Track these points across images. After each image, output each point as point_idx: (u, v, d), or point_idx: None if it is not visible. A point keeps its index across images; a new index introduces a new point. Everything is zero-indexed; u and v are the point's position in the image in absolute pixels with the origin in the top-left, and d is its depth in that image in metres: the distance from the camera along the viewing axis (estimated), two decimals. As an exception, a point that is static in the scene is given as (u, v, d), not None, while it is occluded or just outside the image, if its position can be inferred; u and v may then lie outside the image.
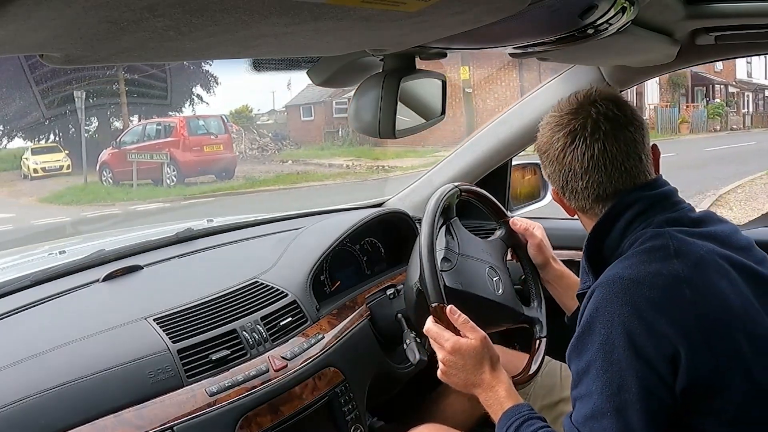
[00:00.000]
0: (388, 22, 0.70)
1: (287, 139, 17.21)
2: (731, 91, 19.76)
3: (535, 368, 1.35)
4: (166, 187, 11.56)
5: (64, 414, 0.98)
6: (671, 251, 0.98)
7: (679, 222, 1.03)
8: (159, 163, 11.73)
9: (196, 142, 12.03)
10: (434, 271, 1.22)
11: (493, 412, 1.12)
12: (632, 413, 0.92)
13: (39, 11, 0.46)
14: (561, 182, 1.09)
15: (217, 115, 13.64)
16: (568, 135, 1.05)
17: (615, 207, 1.06)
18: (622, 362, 0.93)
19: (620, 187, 1.05)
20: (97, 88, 11.87)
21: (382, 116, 1.05)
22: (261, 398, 1.17)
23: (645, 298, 0.94)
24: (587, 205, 1.09)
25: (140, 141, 12.35)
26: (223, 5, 0.53)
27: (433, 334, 1.18)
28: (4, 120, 12.77)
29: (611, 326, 0.94)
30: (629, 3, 0.93)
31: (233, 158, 12.95)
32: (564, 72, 1.74)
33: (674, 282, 0.95)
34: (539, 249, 1.43)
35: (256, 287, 1.37)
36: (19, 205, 11.01)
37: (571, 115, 1.06)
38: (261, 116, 18.36)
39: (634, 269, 0.97)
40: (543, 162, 1.12)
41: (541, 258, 1.44)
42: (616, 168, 1.04)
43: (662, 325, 0.93)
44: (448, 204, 1.37)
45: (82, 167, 12.31)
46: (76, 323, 1.19)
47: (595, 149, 1.03)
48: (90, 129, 13.36)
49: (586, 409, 0.96)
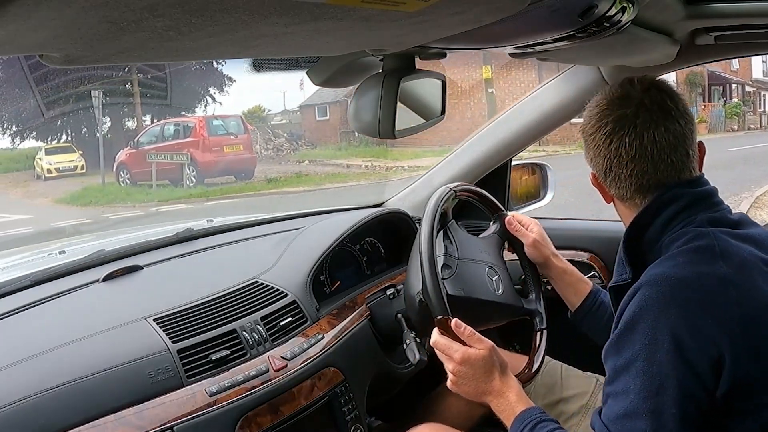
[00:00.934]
0: (388, 22, 0.70)
1: (302, 139, 17.17)
2: (748, 91, 19.75)
3: (537, 366, 1.35)
4: (185, 187, 11.51)
5: (64, 414, 0.98)
6: (716, 252, 0.97)
7: (720, 222, 1.02)
8: (178, 163, 11.68)
9: (215, 142, 11.99)
10: (437, 283, 1.22)
11: (506, 417, 1.12)
12: (668, 416, 0.91)
13: (39, 11, 0.46)
14: (604, 168, 1.07)
15: (236, 115, 13.60)
16: (618, 120, 1.03)
17: (657, 200, 1.04)
18: (664, 364, 0.92)
19: (664, 180, 1.03)
20: (110, 88, 11.83)
21: (381, 116, 1.05)
22: (261, 398, 1.16)
23: (692, 299, 0.93)
24: (628, 193, 1.07)
25: (158, 141, 12.31)
26: (223, 5, 0.53)
27: (441, 346, 1.17)
28: (17, 120, 12.75)
29: (656, 326, 0.93)
30: (629, 3, 0.93)
31: (253, 158, 12.89)
32: (564, 72, 1.74)
33: (720, 284, 0.95)
34: (535, 247, 1.42)
35: (256, 287, 1.37)
36: (35, 206, 10.91)
37: (623, 101, 1.04)
38: (274, 116, 18.36)
39: (681, 269, 0.96)
40: (587, 145, 1.09)
41: (538, 256, 1.43)
42: (663, 160, 1.02)
43: (708, 327, 0.92)
44: (445, 208, 1.37)
45: (95, 167, 12.26)
46: (76, 323, 1.19)
47: (645, 138, 1.02)
48: (103, 129, 13.35)
49: (620, 406, 0.95)
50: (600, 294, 1.41)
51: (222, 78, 14.69)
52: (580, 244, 1.87)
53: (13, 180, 13.08)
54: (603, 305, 1.39)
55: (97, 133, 12.75)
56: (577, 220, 2.14)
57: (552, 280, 1.45)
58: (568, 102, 1.75)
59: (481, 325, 1.43)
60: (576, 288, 1.42)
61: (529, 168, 2.13)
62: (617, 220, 1.18)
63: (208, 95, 14.83)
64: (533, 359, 1.36)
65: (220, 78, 14.69)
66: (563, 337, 1.49)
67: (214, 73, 14.37)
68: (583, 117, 1.10)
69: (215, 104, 14.92)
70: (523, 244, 1.44)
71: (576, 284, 1.42)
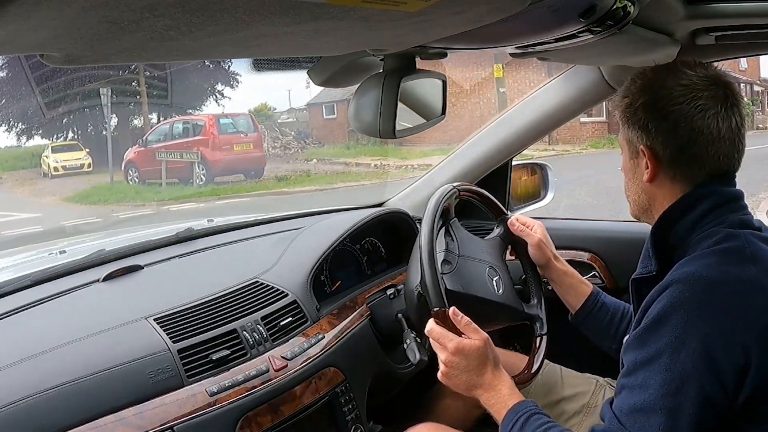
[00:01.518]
0: (388, 22, 0.70)
1: (310, 138, 17.14)
2: (756, 90, 19.70)
3: (536, 367, 1.35)
4: (195, 186, 11.44)
5: (64, 414, 0.98)
6: (747, 255, 0.97)
7: (748, 225, 1.02)
8: (188, 162, 11.60)
9: (225, 140, 11.92)
10: (435, 274, 1.22)
11: (497, 411, 1.11)
12: (684, 416, 0.91)
13: (39, 11, 0.46)
14: (683, 141, 1.02)
15: (245, 113, 13.53)
16: (713, 98, 1.01)
17: (690, 195, 1.03)
18: (688, 364, 0.91)
19: (719, 169, 1.03)
20: (116, 86, 11.80)
21: (382, 116, 1.05)
22: (261, 398, 1.16)
23: (724, 303, 0.93)
24: (686, 176, 1.04)
25: (167, 140, 12.23)
26: (223, 5, 0.53)
27: (435, 335, 1.16)
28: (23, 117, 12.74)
29: (686, 326, 0.92)
30: (629, 3, 0.93)
31: (262, 157, 12.79)
32: (564, 72, 1.74)
33: (751, 287, 0.95)
34: (538, 248, 1.42)
35: (257, 287, 1.37)
36: (43, 205, 10.83)
37: (710, 82, 1.02)
38: (280, 114, 18.34)
39: (714, 270, 0.95)
40: (664, 115, 1.03)
41: (541, 257, 1.43)
42: (735, 148, 1.02)
43: (738, 333, 0.91)
44: (447, 205, 1.37)
45: (101, 165, 12.20)
46: (77, 323, 1.19)
47: (732, 121, 1.01)
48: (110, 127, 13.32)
49: (636, 400, 0.94)
50: (600, 296, 1.41)
51: (228, 76, 14.67)
52: (581, 244, 1.87)
53: (20, 178, 13.05)
54: (604, 307, 1.39)
55: (105, 131, 12.71)
56: (577, 220, 2.14)
57: (552, 281, 1.45)
58: (568, 102, 1.75)
59: (481, 327, 1.43)
60: (576, 290, 1.42)
61: (530, 168, 2.13)
62: (617, 220, 1.18)
63: (215, 93, 14.82)
64: (533, 360, 1.36)
65: (227, 76, 14.67)
66: (562, 341, 1.49)
67: (221, 71, 14.33)
68: (658, 87, 1.04)
69: (222, 102, 14.90)
70: (527, 246, 1.44)
71: (576, 286, 1.42)
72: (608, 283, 1.80)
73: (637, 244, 1.11)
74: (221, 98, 14.83)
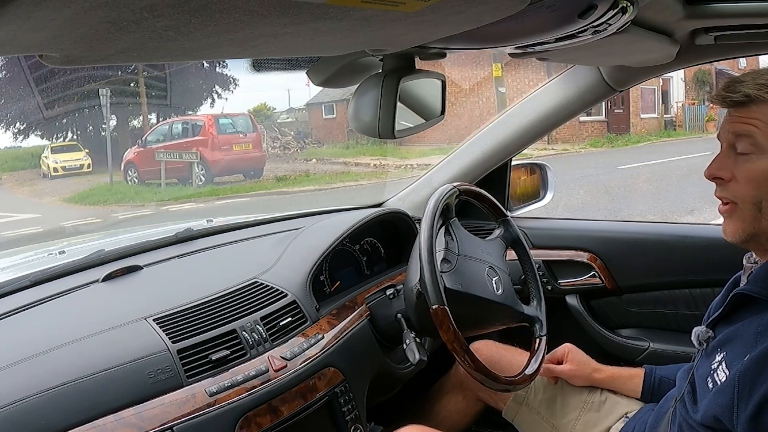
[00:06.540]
0: (387, 22, 0.70)
1: (309, 138, 17.12)
2: None
3: (535, 368, 1.35)
4: (195, 186, 11.41)
5: (64, 414, 0.98)
6: None
7: None
8: (188, 162, 11.57)
9: (225, 141, 11.89)
10: (434, 272, 1.22)
11: None
12: None
13: (38, 11, 0.46)
14: None
15: (245, 113, 13.50)
16: None
17: None
18: None
19: None
20: (116, 87, 11.79)
21: (381, 116, 1.05)
22: (261, 398, 1.17)
23: None
24: None
25: (166, 140, 12.20)
26: (223, 5, 0.53)
27: None
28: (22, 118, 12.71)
29: None
30: (629, 3, 0.93)
31: (262, 157, 12.76)
32: (564, 72, 1.74)
33: None
34: (576, 376, 1.45)
35: (256, 287, 1.37)
36: (43, 205, 10.80)
37: None
38: (280, 114, 18.31)
39: None
40: None
41: (584, 381, 1.46)
42: None
43: None
44: (447, 204, 1.37)
45: (100, 166, 12.19)
46: (76, 323, 1.19)
47: None
48: (109, 127, 13.30)
49: None
50: (654, 372, 1.41)
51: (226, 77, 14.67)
52: (580, 244, 1.87)
53: (20, 179, 13.02)
54: (663, 380, 1.39)
55: (104, 132, 12.70)
56: (577, 220, 2.14)
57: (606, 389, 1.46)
58: (567, 102, 1.76)
59: (480, 327, 1.43)
60: (631, 383, 1.42)
61: (529, 168, 2.13)
62: (617, 220, 1.17)
63: (214, 93, 14.80)
64: (530, 362, 1.36)
65: (225, 77, 14.67)
66: (561, 342, 1.49)
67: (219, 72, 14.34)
68: None
69: (222, 102, 14.90)
70: (527, 248, 1.45)
71: (629, 380, 1.43)
72: (607, 284, 1.80)
73: (636, 244, 1.10)
74: (220, 98, 14.84)
